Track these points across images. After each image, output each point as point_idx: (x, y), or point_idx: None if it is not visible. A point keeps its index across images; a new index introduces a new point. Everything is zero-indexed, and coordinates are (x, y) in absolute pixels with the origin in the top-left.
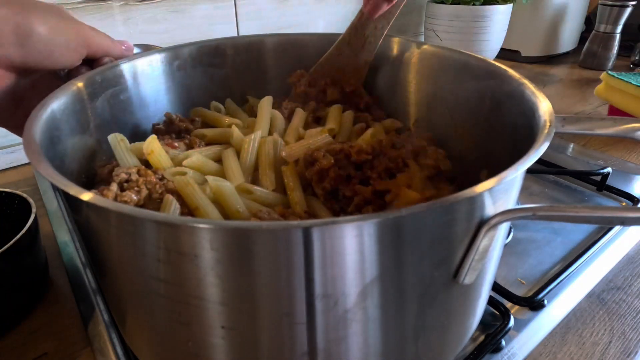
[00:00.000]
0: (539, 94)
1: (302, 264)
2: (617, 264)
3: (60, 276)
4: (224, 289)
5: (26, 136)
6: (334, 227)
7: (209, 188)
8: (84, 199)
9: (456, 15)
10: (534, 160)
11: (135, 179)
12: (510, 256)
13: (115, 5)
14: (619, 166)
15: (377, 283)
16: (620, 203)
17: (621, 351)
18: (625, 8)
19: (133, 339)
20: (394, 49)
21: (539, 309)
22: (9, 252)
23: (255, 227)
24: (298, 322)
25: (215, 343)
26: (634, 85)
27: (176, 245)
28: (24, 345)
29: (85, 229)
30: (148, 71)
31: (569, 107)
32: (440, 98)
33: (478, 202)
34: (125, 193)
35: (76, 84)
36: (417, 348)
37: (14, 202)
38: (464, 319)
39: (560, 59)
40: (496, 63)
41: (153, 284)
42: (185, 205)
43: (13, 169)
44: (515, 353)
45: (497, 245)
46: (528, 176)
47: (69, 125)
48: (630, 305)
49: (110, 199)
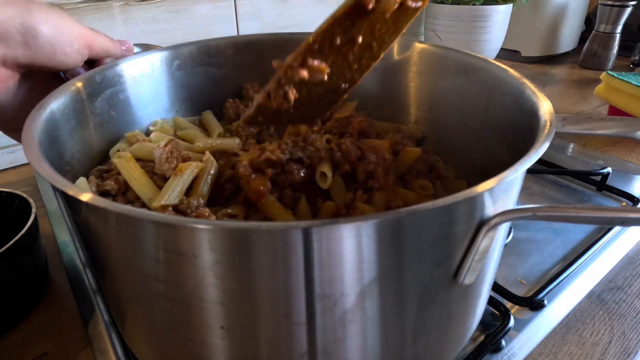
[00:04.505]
0: (539, 94)
1: (301, 265)
2: (617, 264)
3: (60, 276)
4: (223, 290)
5: (26, 136)
6: (333, 228)
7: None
8: (83, 199)
9: (456, 15)
10: (534, 160)
11: (113, 168)
12: (510, 256)
13: (115, 5)
14: (619, 166)
15: (377, 283)
16: (620, 203)
17: (621, 351)
18: (625, 8)
19: (133, 339)
20: (394, 49)
21: (539, 309)
22: (9, 252)
23: (255, 227)
24: (297, 322)
25: (215, 343)
26: (634, 85)
27: (175, 246)
28: (24, 345)
29: (84, 229)
30: (148, 71)
31: (569, 107)
32: (440, 98)
33: (478, 202)
34: (106, 182)
35: (75, 84)
36: (416, 348)
37: (14, 202)
38: (464, 319)
39: (560, 59)
40: (496, 63)
41: (152, 284)
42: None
43: (13, 169)
44: (515, 353)
45: (497, 245)
46: (528, 176)
47: (69, 125)
48: (630, 305)
49: (94, 188)
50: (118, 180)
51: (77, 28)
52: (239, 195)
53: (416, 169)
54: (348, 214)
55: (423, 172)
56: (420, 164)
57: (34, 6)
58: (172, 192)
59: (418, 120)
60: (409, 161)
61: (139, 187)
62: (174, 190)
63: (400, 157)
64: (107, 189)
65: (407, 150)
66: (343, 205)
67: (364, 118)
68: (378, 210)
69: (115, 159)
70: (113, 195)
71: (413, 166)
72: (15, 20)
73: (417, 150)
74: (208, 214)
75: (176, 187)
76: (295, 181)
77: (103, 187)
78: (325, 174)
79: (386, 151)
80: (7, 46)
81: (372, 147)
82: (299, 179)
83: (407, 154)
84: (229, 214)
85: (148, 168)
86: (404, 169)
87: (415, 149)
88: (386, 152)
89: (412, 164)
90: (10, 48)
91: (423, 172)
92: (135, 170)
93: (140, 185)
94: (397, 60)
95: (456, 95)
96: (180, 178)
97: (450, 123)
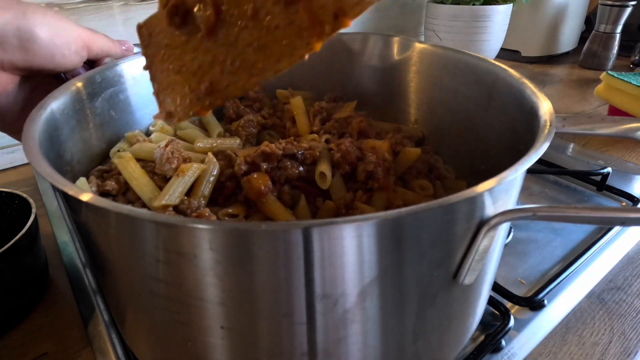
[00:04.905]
0: (539, 94)
1: (301, 265)
2: (617, 264)
3: (60, 276)
4: (223, 290)
5: (26, 136)
6: (334, 228)
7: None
8: (84, 199)
9: (456, 15)
10: (534, 160)
11: (114, 168)
12: (510, 256)
13: (115, 5)
14: (619, 166)
15: (377, 283)
16: (620, 203)
17: (621, 351)
18: (625, 8)
19: (133, 339)
20: (394, 49)
21: (539, 309)
22: (9, 252)
23: (255, 227)
24: (297, 322)
25: (215, 343)
26: (634, 85)
27: (175, 246)
28: (24, 345)
29: (84, 229)
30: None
31: (569, 107)
32: (440, 98)
33: (478, 202)
34: (106, 182)
35: (75, 84)
36: (417, 348)
37: (14, 202)
38: (464, 319)
39: (560, 59)
40: (496, 63)
41: (152, 284)
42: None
43: (13, 169)
44: (515, 353)
45: (497, 245)
46: (528, 176)
47: (69, 125)
48: (630, 305)
49: (94, 188)
50: (118, 180)
51: (75, 29)
52: (239, 195)
53: (416, 169)
54: (348, 214)
55: (423, 172)
56: (420, 164)
57: (29, 9)
58: (173, 193)
59: (418, 120)
60: (408, 161)
61: (139, 188)
62: (175, 190)
63: (400, 158)
64: (108, 189)
65: (407, 151)
66: (343, 205)
67: (364, 118)
68: (378, 210)
69: (115, 159)
70: (113, 195)
71: (413, 166)
72: (11, 25)
73: (417, 151)
74: (208, 214)
75: (177, 188)
76: (290, 177)
77: (103, 187)
78: (324, 174)
79: (386, 151)
80: (4, 50)
81: (372, 148)
82: (293, 174)
83: (407, 154)
84: (230, 214)
85: (149, 168)
86: (403, 169)
87: (415, 149)
88: (386, 153)
89: (412, 164)
90: (7, 52)
91: (423, 172)
92: (136, 171)
93: (141, 185)
94: (397, 60)
95: (456, 95)
96: (182, 179)
97: (450, 123)
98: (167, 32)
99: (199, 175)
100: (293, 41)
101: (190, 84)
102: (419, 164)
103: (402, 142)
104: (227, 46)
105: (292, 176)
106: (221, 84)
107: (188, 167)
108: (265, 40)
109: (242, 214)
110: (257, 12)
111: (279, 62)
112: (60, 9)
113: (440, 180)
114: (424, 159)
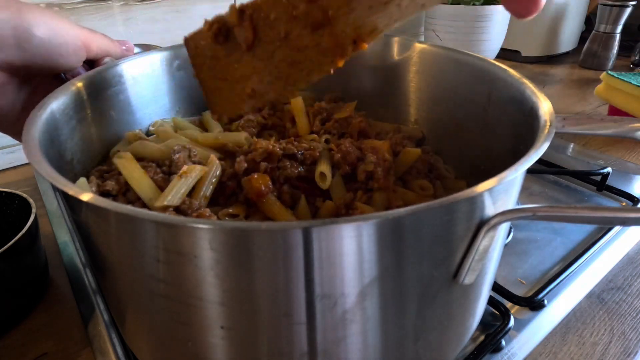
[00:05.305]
0: (539, 94)
1: (301, 264)
2: (617, 264)
3: (60, 276)
4: (223, 289)
5: (26, 136)
6: (334, 228)
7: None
8: (84, 199)
9: (456, 15)
10: (534, 160)
11: (114, 168)
12: (510, 256)
13: (115, 5)
14: (619, 166)
15: (377, 283)
16: (620, 203)
17: (621, 351)
18: (625, 8)
19: (133, 339)
20: (394, 49)
21: (539, 309)
22: (9, 252)
23: (255, 227)
24: (297, 322)
25: (215, 343)
26: (634, 85)
27: (175, 246)
28: (24, 345)
29: (84, 229)
30: (148, 71)
31: (569, 107)
32: (440, 98)
33: (478, 202)
34: (107, 182)
35: (76, 84)
36: (417, 348)
37: (14, 202)
38: (463, 319)
39: (560, 59)
40: (496, 63)
41: (152, 284)
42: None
43: (13, 169)
44: (515, 353)
45: (497, 245)
46: (528, 176)
47: (69, 125)
48: (630, 305)
49: (94, 188)
50: (119, 180)
51: (73, 29)
52: (239, 195)
53: (416, 169)
54: (348, 214)
55: (423, 172)
56: (420, 164)
57: (26, 8)
58: (175, 193)
59: (418, 120)
60: (408, 161)
61: (139, 188)
62: (178, 191)
63: (400, 158)
64: (108, 189)
65: (407, 151)
66: (343, 205)
67: (364, 118)
68: (378, 210)
69: (115, 159)
70: (113, 195)
71: (413, 166)
72: (8, 24)
73: (417, 151)
74: (209, 214)
75: (180, 189)
76: (290, 176)
77: (104, 187)
78: (324, 174)
79: (386, 152)
80: (0, 50)
81: (372, 148)
82: (293, 174)
83: (407, 155)
84: (230, 214)
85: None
86: (404, 169)
87: (415, 149)
88: (386, 153)
89: (412, 164)
90: (4, 51)
91: (423, 172)
92: (136, 171)
93: (141, 185)
94: (397, 60)
95: (456, 95)
96: (185, 180)
97: (450, 123)
98: (212, 46)
99: (202, 177)
100: (320, 59)
101: (234, 89)
102: (419, 164)
103: (402, 142)
104: (265, 60)
105: (292, 176)
106: (261, 90)
107: (192, 168)
108: (297, 57)
109: (242, 214)
110: (288, 34)
111: (310, 75)
112: (60, 9)
113: (440, 180)
114: (424, 159)
